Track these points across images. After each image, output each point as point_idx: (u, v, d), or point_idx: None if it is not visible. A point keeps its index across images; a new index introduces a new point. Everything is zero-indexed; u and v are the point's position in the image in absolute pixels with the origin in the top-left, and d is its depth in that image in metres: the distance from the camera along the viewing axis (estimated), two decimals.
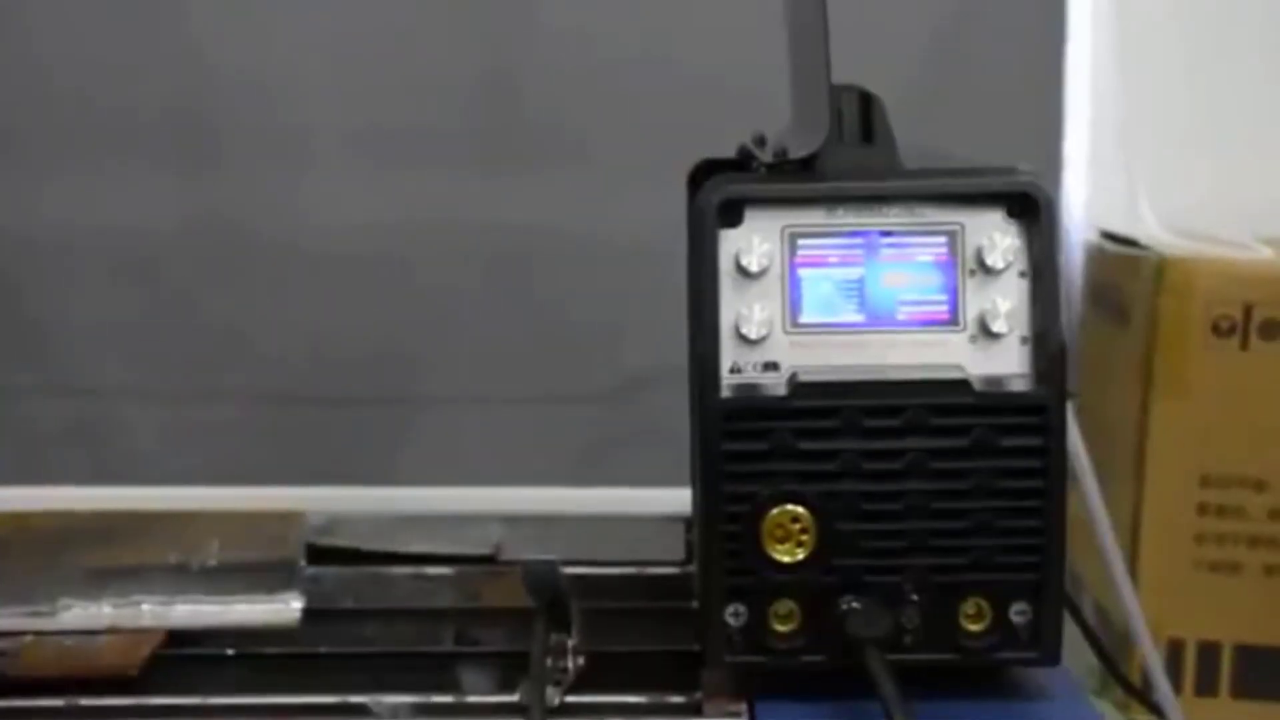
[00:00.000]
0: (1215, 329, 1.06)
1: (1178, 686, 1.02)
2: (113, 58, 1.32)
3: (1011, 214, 0.65)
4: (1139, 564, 1.05)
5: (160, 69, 1.32)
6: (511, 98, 1.31)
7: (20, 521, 0.77)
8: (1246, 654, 1.07)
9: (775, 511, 0.64)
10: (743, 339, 0.65)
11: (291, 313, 1.33)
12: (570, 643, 0.68)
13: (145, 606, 0.76)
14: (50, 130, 1.34)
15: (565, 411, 1.34)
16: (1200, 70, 1.28)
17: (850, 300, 0.65)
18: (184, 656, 0.75)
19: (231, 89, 1.33)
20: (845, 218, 0.65)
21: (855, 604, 0.64)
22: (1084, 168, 1.27)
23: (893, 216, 0.65)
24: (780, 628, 0.64)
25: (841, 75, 0.65)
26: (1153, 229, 1.21)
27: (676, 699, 0.67)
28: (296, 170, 1.34)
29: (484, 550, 0.89)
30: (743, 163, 0.73)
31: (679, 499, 0.81)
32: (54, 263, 1.33)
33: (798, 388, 0.64)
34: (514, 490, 1.15)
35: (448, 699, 0.68)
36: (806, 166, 0.66)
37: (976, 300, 0.65)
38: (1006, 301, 0.65)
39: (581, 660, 0.68)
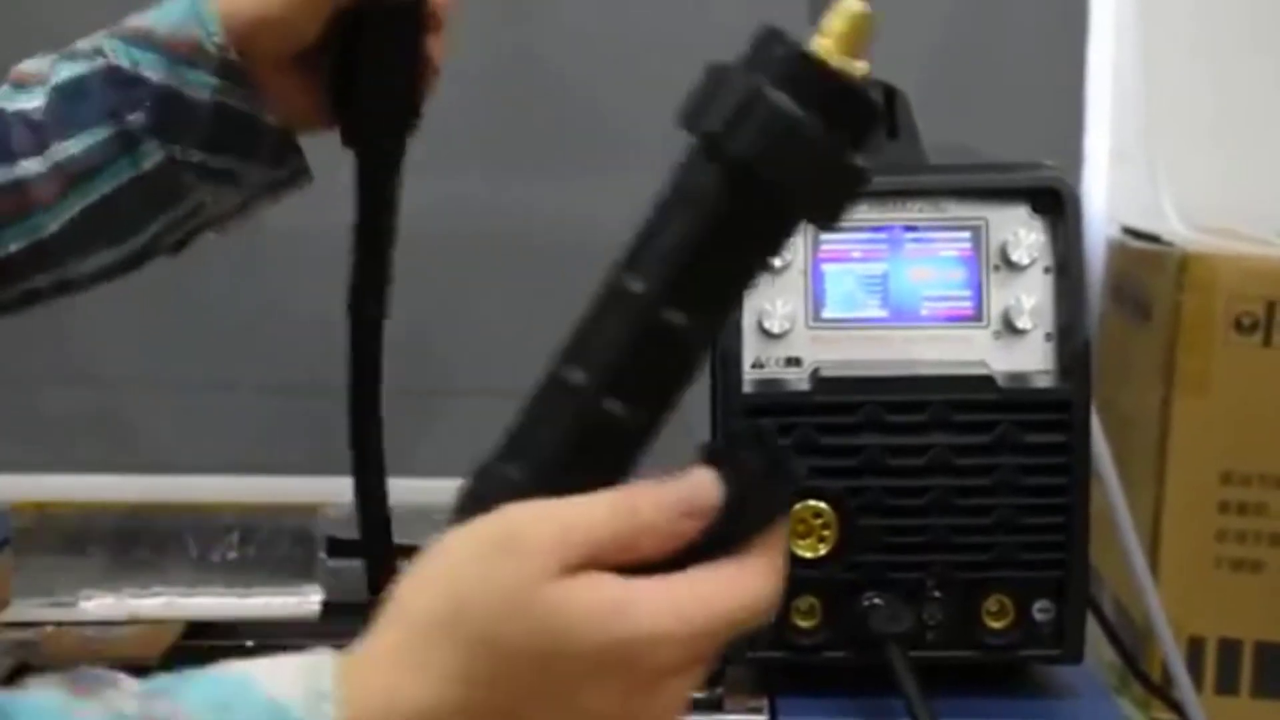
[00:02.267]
0: (1237, 325, 1.05)
1: (1198, 684, 1.01)
2: None
3: (1037, 210, 0.65)
4: (1159, 561, 1.05)
5: None
6: (539, 89, 1.31)
7: (41, 510, 0.77)
8: (1267, 652, 1.06)
9: (797, 507, 0.63)
10: (765, 334, 0.65)
11: (312, 303, 1.33)
12: None
13: (165, 598, 0.77)
14: None
15: None
16: (1223, 66, 1.28)
17: (873, 295, 0.65)
18: (203, 647, 0.75)
19: None
20: (868, 212, 0.64)
21: (877, 600, 0.63)
22: (1106, 163, 1.26)
23: (916, 211, 0.65)
24: (802, 623, 0.64)
25: None
26: (1175, 225, 1.20)
27: (697, 694, 0.66)
28: (316, 159, 1.34)
29: None
30: None
31: None
32: None
33: (820, 383, 0.64)
34: None
35: None
36: None
37: (1000, 296, 0.64)
38: (1031, 297, 0.64)
39: None
